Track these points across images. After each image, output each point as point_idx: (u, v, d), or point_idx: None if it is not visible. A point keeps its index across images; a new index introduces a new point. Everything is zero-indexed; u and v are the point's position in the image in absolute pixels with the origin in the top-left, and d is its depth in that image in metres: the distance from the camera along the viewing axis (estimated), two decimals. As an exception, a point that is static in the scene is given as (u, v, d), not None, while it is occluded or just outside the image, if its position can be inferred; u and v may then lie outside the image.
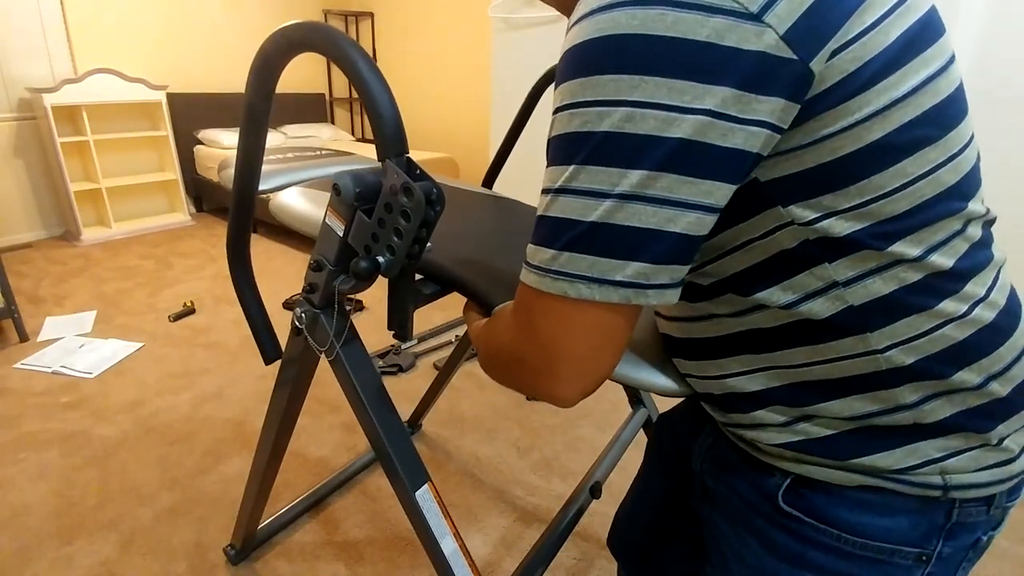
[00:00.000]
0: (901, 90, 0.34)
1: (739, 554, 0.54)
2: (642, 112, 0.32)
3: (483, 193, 1.16)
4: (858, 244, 0.37)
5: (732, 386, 0.48)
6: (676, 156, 0.32)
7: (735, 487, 0.54)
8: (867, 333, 0.40)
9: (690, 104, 0.31)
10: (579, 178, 0.34)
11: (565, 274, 0.36)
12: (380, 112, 0.53)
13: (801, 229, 0.38)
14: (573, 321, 0.37)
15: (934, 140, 0.36)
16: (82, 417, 1.76)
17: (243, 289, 0.85)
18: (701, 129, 0.32)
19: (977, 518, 0.45)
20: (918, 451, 0.42)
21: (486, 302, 0.62)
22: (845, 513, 0.45)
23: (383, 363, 2.13)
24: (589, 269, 0.35)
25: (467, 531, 1.36)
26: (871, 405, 0.42)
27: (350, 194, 0.56)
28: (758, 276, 0.41)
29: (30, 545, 1.28)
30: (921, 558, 0.45)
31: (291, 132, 4.40)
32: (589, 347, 0.38)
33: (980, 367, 0.41)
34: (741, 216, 0.39)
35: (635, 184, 0.33)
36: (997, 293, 0.42)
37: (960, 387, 0.41)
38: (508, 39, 2.49)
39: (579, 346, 0.38)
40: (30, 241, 3.49)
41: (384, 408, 0.72)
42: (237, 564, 1.25)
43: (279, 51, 0.60)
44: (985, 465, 0.43)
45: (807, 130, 0.35)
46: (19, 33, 3.24)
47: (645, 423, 1.39)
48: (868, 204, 0.36)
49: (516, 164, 2.62)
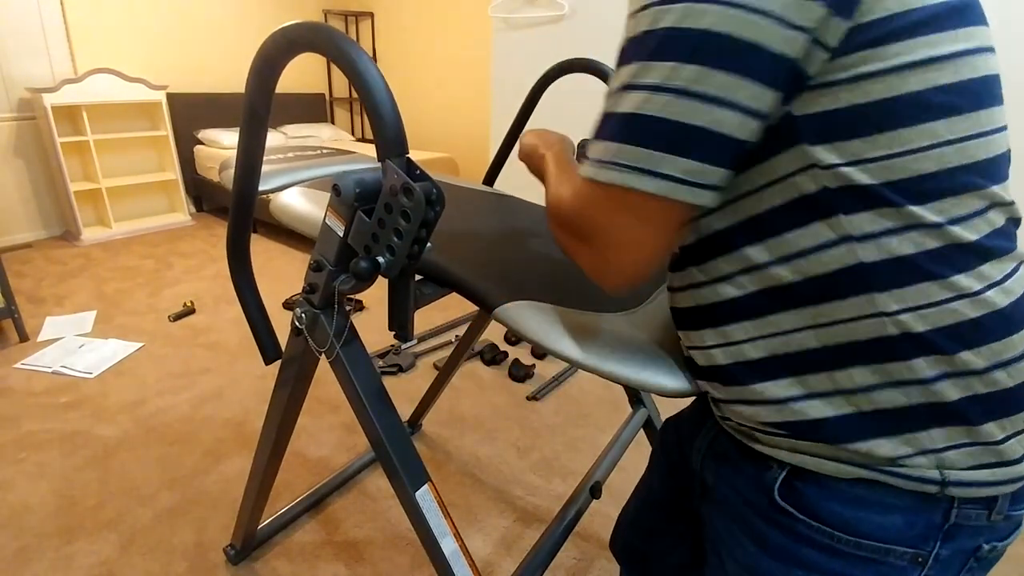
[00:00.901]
0: (940, 51, 0.36)
1: (733, 552, 0.54)
2: (701, 7, 0.35)
3: (484, 191, 1.16)
4: (878, 198, 0.38)
5: (735, 354, 0.47)
6: (725, 50, 0.35)
7: (732, 482, 0.54)
8: (874, 293, 0.39)
9: (741, 2, 0.34)
10: (641, 74, 0.38)
11: (618, 164, 0.39)
12: (380, 112, 0.53)
13: (823, 173, 0.38)
14: (620, 209, 0.40)
15: (966, 111, 0.37)
16: (82, 417, 1.76)
17: (243, 289, 0.85)
18: (746, 25, 0.34)
19: (977, 522, 0.43)
20: (916, 440, 0.41)
21: (486, 303, 0.62)
22: (838, 508, 0.45)
23: (383, 363, 2.13)
24: (640, 160, 0.38)
25: (467, 531, 1.36)
26: (877, 377, 0.41)
27: (350, 194, 0.56)
28: (774, 222, 0.42)
29: (30, 545, 1.28)
30: (917, 559, 0.44)
31: (291, 132, 4.39)
32: (633, 237, 0.41)
33: (989, 351, 0.40)
34: (769, 152, 0.40)
35: (690, 79, 0.36)
36: (1014, 283, 0.41)
37: (965, 369, 0.40)
38: (508, 39, 2.49)
39: (624, 235, 0.41)
40: (30, 241, 3.49)
41: (384, 408, 0.72)
42: (237, 564, 1.25)
43: (279, 51, 0.60)
44: (984, 463, 0.42)
45: (846, 64, 0.36)
46: (19, 33, 3.24)
47: (645, 423, 1.39)
48: (894, 157, 0.37)
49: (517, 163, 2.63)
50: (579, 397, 1.98)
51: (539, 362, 2.21)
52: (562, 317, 0.58)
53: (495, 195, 1.14)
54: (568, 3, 2.20)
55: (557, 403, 1.93)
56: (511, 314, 0.59)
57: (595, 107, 0.41)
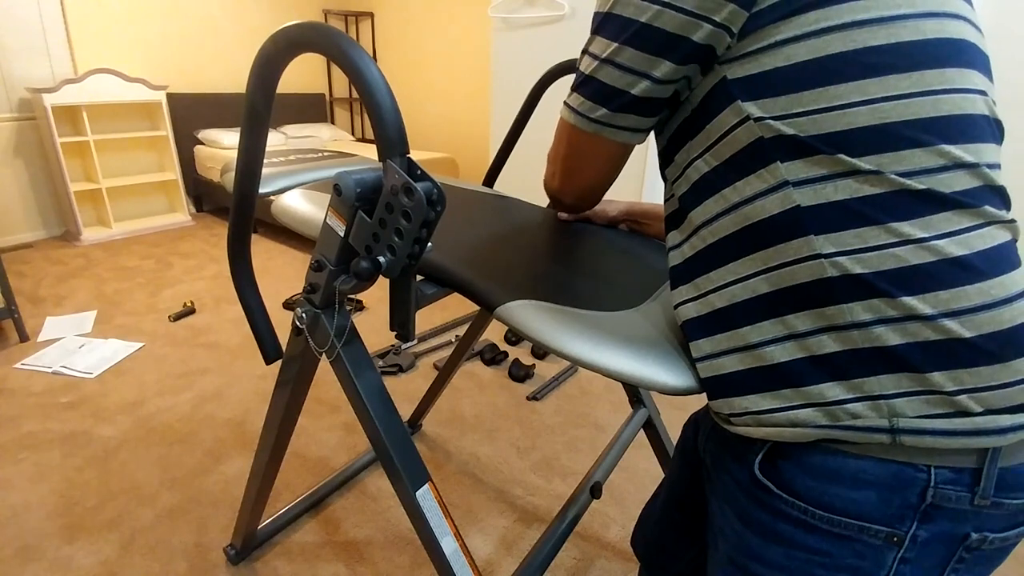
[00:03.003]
0: (870, 15, 0.39)
1: (724, 531, 0.55)
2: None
3: (484, 192, 1.16)
4: (809, 148, 0.41)
5: (706, 305, 0.50)
6: (639, 34, 0.45)
7: (723, 463, 0.55)
8: (811, 236, 0.42)
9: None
10: (589, 44, 0.50)
11: (572, 110, 0.53)
12: (381, 112, 0.53)
13: (755, 125, 0.43)
14: (576, 144, 0.55)
15: (904, 71, 0.39)
16: (82, 417, 1.76)
17: (244, 289, 0.85)
18: (658, 15, 0.44)
19: (959, 505, 0.42)
20: (864, 385, 0.42)
21: (487, 302, 0.62)
22: (812, 483, 0.45)
23: (383, 363, 2.13)
24: (583, 108, 0.51)
25: (467, 531, 1.37)
26: (821, 321, 0.43)
27: (351, 194, 0.56)
28: (726, 175, 0.46)
29: (30, 545, 1.28)
30: (892, 539, 0.44)
31: (291, 132, 4.40)
32: (580, 166, 0.57)
33: (935, 299, 0.39)
34: (714, 111, 0.46)
35: (613, 53, 0.47)
36: (976, 238, 0.40)
37: (910, 314, 0.40)
38: (508, 39, 2.49)
39: (575, 163, 0.57)
40: (30, 241, 3.49)
41: (384, 408, 0.72)
42: (237, 564, 1.25)
43: (279, 51, 0.60)
44: (937, 413, 0.41)
45: (760, 36, 0.42)
46: (19, 33, 3.24)
47: (645, 423, 1.39)
48: (822, 112, 0.40)
49: (517, 164, 2.63)
50: (579, 397, 1.98)
51: (539, 362, 2.21)
52: (563, 316, 0.58)
53: (495, 196, 1.14)
54: (568, 3, 2.20)
55: (557, 403, 1.93)
56: (512, 313, 0.59)
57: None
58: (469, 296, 0.65)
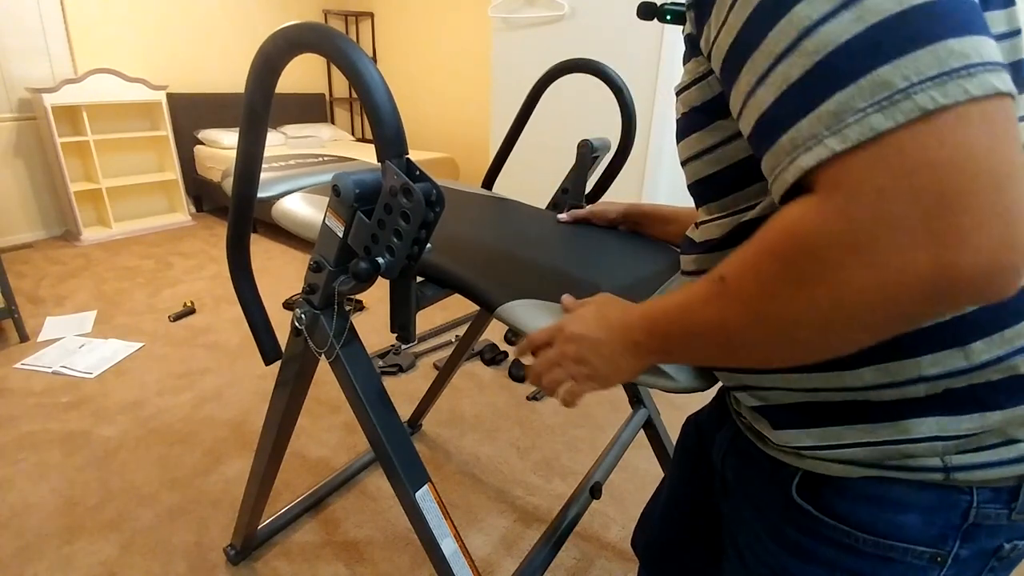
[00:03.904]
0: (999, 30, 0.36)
1: (753, 548, 0.54)
2: None
3: (483, 194, 1.17)
4: None
5: None
6: None
7: (752, 480, 0.54)
8: None
9: None
10: None
11: None
12: (379, 113, 0.53)
13: None
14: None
15: None
16: (82, 417, 1.76)
17: (243, 289, 0.85)
18: None
19: (997, 521, 0.43)
20: (920, 427, 0.41)
21: (487, 302, 0.62)
22: (856, 508, 0.45)
23: (383, 363, 2.13)
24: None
25: (467, 531, 1.36)
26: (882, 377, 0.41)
27: (350, 195, 0.56)
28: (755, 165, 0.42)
29: (30, 545, 1.28)
30: (936, 559, 0.44)
31: (291, 132, 4.40)
32: None
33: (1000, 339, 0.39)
34: None
35: None
36: None
37: (978, 363, 0.39)
38: (508, 39, 2.49)
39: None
40: (30, 241, 3.49)
41: (384, 408, 0.72)
42: (237, 564, 1.25)
43: (279, 51, 0.60)
44: (987, 445, 0.41)
45: None
46: (19, 33, 3.24)
47: (645, 423, 1.39)
48: None
49: (516, 164, 2.62)
50: (579, 397, 1.97)
51: (539, 362, 2.21)
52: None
53: (494, 198, 1.14)
54: (568, 3, 2.20)
55: (557, 403, 1.93)
56: (513, 313, 0.59)
57: (595, 107, 0.40)
58: (469, 296, 0.65)
